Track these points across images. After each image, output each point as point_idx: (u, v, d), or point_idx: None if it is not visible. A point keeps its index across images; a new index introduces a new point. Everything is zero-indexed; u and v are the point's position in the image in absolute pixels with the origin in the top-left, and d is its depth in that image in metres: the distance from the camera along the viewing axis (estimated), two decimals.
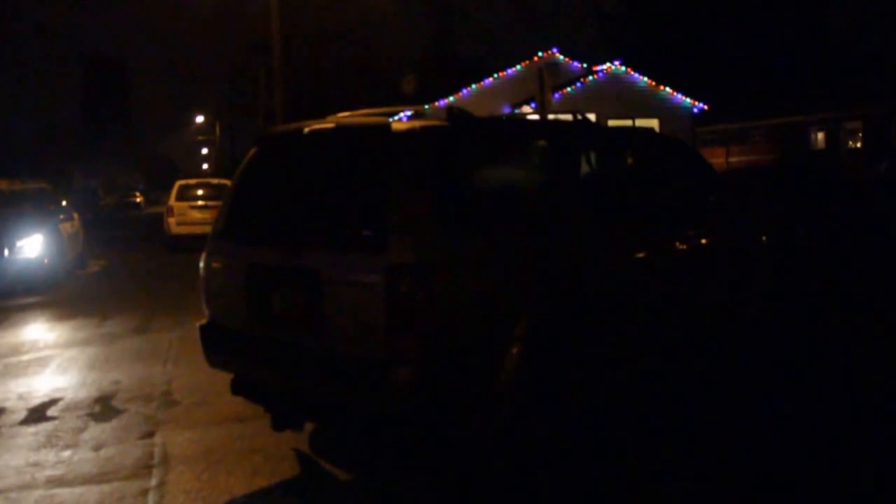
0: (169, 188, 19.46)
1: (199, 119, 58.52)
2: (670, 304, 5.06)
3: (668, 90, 25.51)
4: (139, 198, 53.51)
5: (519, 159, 4.55)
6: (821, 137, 35.49)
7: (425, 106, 22.36)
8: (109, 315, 9.16)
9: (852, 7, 46.30)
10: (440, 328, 3.52)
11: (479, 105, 19.18)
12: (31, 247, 11.24)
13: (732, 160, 34.56)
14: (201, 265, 4.42)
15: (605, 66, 25.22)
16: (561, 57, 26.34)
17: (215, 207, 14.52)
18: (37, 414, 5.43)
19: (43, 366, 6.82)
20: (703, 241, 5.42)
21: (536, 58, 25.72)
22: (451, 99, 24.96)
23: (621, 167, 5.32)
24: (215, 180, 19.39)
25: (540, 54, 26.11)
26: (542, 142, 4.64)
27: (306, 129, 4.18)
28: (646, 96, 25.15)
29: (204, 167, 66.99)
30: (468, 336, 3.67)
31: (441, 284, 3.51)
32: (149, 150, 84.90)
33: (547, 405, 3.94)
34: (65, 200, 14.84)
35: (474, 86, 25.95)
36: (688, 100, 25.65)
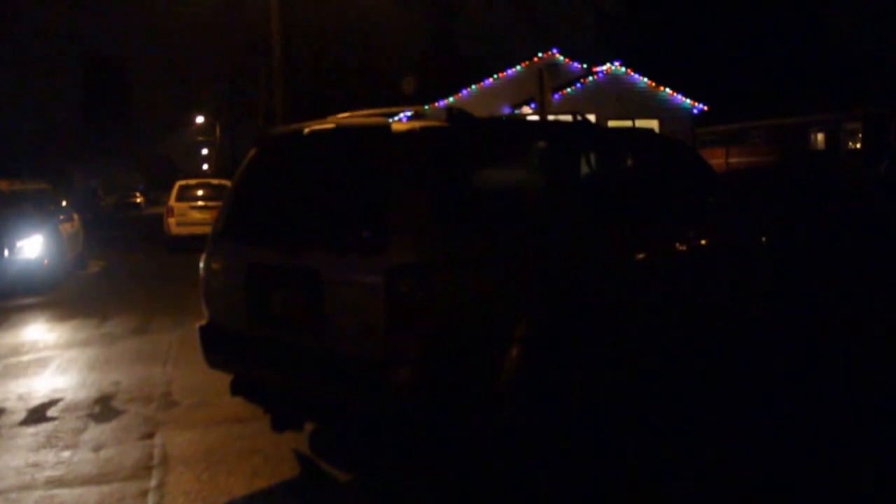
0: (169, 188, 19.44)
1: (200, 119, 58.48)
2: (670, 305, 5.07)
3: (668, 91, 25.51)
4: (139, 198, 53.51)
5: (519, 160, 4.55)
6: (820, 138, 35.49)
7: (425, 106, 22.36)
8: (109, 316, 9.16)
9: (852, 7, 46.36)
10: (440, 328, 3.52)
11: (479, 105, 19.17)
12: (31, 247, 11.24)
13: (732, 161, 34.58)
14: (201, 266, 4.42)
15: (605, 67, 25.21)
16: (561, 58, 26.33)
17: (215, 208, 14.49)
18: (36, 415, 5.43)
19: (43, 366, 6.81)
20: (703, 242, 5.43)
21: (536, 58, 25.71)
22: (451, 99, 24.96)
23: (621, 168, 5.32)
24: (215, 181, 19.38)
25: (540, 55, 26.10)
26: (542, 143, 4.65)
27: (306, 130, 4.18)
28: (646, 97, 25.14)
29: (204, 167, 67.07)
30: (468, 336, 3.67)
31: (441, 285, 3.51)
32: (149, 150, 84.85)
33: (547, 405, 3.94)
34: (65, 201, 14.84)
35: (474, 86, 25.95)
36: (688, 101, 25.64)
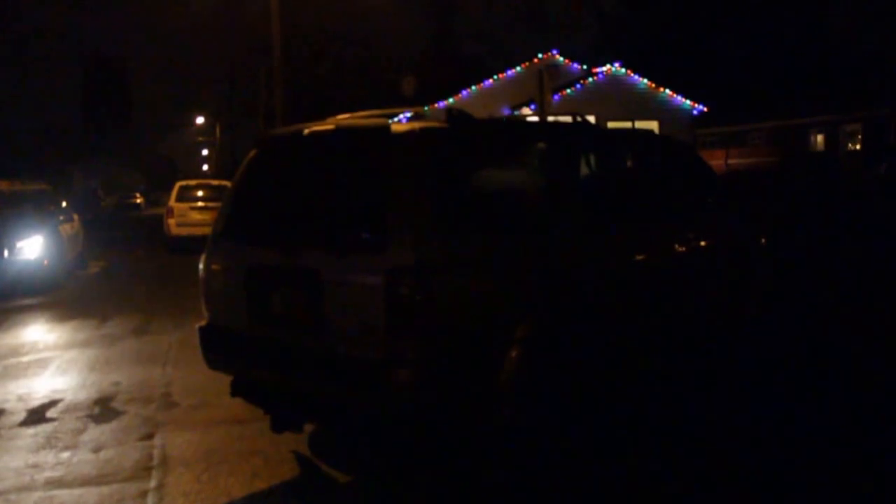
0: (169, 189, 19.45)
1: (200, 120, 58.47)
2: (670, 305, 5.07)
3: (668, 92, 25.49)
4: (139, 198, 53.48)
5: (518, 161, 4.55)
6: (820, 140, 35.53)
7: (425, 107, 22.36)
8: (109, 316, 9.16)
9: (852, 7, 46.36)
10: (440, 329, 3.52)
11: (479, 106, 19.20)
12: (31, 248, 11.24)
13: (732, 162, 34.59)
14: (201, 266, 4.42)
15: (605, 68, 25.20)
16: (561, 58, 26.31)
17: (215, 208, 14.46)
18: (36, 415, 5.42)
19: (42, 367, 6.81)
20: (703, 243, 5.43)
21: (536, 59, 25.69)
22: (451, 100, 24.95)
23: (621, 169, 5.32)
24: (215, 181, 19.41)
25: (540, 56, 26.08)
26: (542, 143, 4.65)
27: (306, 131, 4.18)
28: (646, 98, 25.13)
29: (204, 168, 67.07)
30: (468, 336, 3.67)
31: (441, 285, 3.51)
32: (149, 151, 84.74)
33: (547, 405, 3.94)
34: (65, 201, 14.85)
35: (474, 87, 25.92)
36: (688, 101, 25.63)
